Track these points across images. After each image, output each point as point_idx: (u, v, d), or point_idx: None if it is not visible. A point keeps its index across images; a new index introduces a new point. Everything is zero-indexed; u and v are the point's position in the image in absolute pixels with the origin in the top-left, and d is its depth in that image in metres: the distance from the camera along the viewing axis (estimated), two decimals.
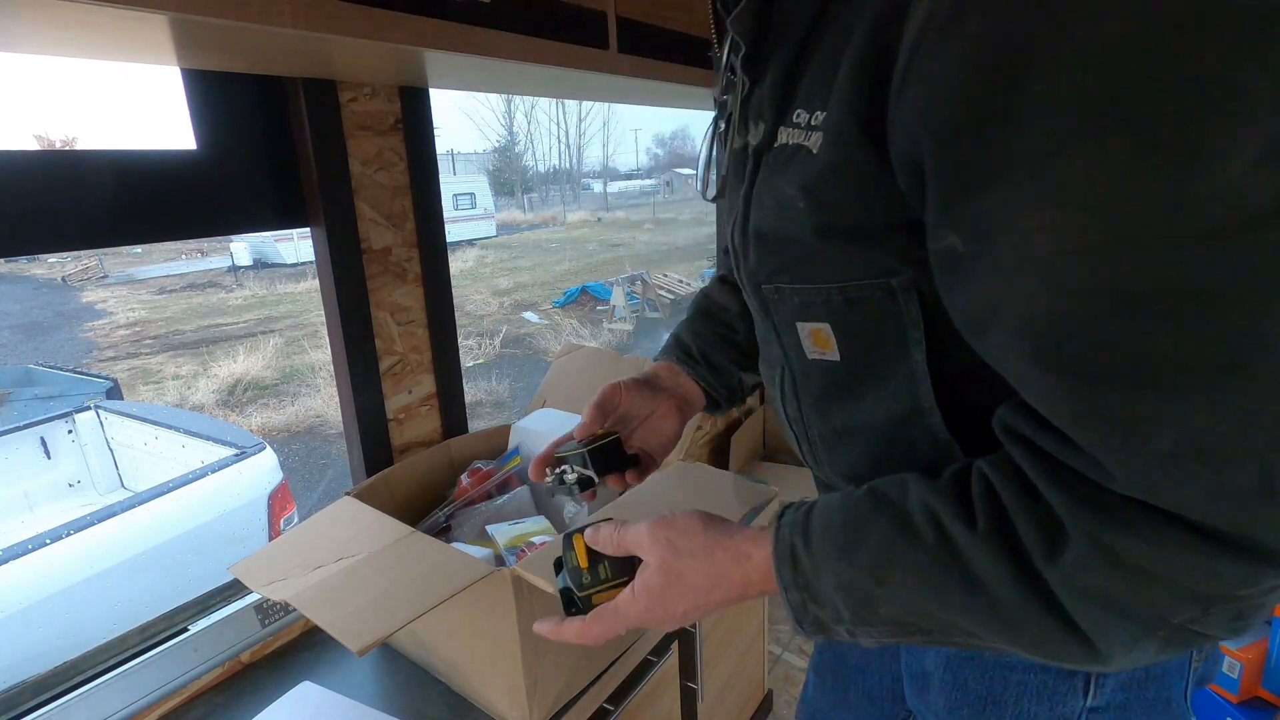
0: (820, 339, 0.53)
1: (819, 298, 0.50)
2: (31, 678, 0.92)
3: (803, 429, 0.61)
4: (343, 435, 1.68)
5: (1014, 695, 0.57)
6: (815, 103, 0.45)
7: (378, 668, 1.03)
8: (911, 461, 0.51)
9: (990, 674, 0.58)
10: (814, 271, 0.49)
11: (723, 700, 1.45)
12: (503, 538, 1.04)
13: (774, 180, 0.48)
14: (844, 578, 0.44)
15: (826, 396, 0.56)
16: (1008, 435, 0.41)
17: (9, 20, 0.62)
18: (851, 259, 0.46)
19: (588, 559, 0.56)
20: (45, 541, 2.10)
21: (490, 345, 8.30)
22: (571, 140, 41.43)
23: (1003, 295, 0.36)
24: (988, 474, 0.41)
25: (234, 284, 13.54)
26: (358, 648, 0.69)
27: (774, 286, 0.53)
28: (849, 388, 0.54)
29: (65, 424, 3.28)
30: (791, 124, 0.47)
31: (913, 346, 0.48)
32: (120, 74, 46.86)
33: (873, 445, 0.54)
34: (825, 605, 0.45)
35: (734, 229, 0.55)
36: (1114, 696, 0.54)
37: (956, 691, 0.60)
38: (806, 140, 0.45)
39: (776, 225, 0.49)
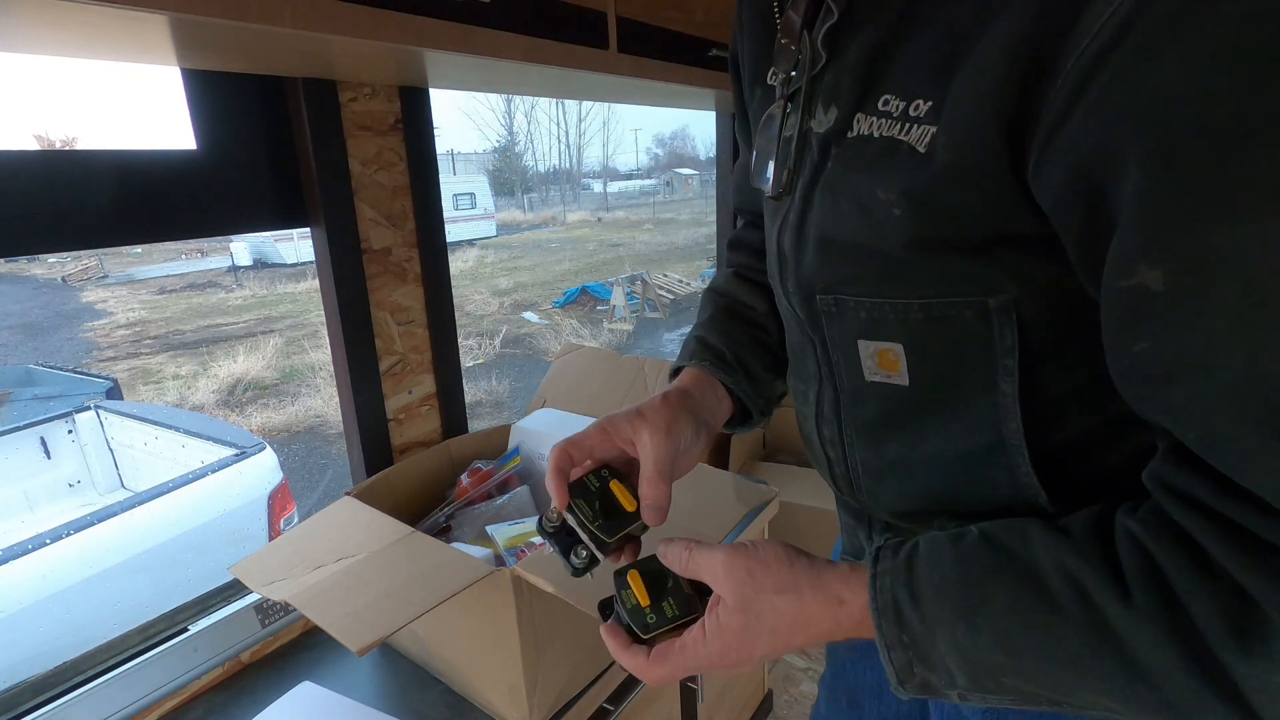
0: (887, 360, 0.46)
1: (893, 314, 0.44)
2: (31, 678, 0.92)
3: (841, 454, 0.54)
4: (343, 435, 1.68)
5: None
6: (917, 89, 0.38)
7: (378, 668, 1.03)
8: (980, 502, 0.46)
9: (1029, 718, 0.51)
10: (891, 285, 0.43)
11: (723, 700, 1.45)
12: (503, 538, 1.04)
13: (854, 178, 0.42)
14: (964, 644, 0.38)
15: (882, 424, 0.50)
16: (1174, 498, 0.34)
17: (9, 20, 0.62)
18: (945, 272, 0.41)
19: (649, 595, 0.48)
20: (45, 541, 2.10)
21: (490, 345, 8.29)
22: (571, 140, 41.46)
23: (1223, 347, 0.30)
24: (1141, 538, 0.35)
25: (234, 284, 13.54)
26: (358, 648, 0.69)
27: (833, 298, 0.46)
28: (914, 416, 0.48)
29: (65, 424, 3.28)
30: (878, 111, 0.40)
31: (1002, 376, 0.42)
32: (120, 74, 46.88)
33: (934, 481, 0.48)
34: (936, 668, 0.39)
35: (784, 229, 0.48)
36: None
37: None
38: (905, 135, 0.39)
39: (855, 231, 0.43)
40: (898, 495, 0.52)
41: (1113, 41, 0.29)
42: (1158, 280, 0.31)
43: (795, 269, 0.49)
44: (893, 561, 0.41)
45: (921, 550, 0.41)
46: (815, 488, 2.12)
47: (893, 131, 0.39)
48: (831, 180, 0.44)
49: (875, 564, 0.41)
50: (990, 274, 0.40)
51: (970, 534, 0.40)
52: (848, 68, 0.42)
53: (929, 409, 0.47)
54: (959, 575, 0.38)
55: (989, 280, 0.40)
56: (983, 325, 0.41)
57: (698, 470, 1.06)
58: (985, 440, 0.45)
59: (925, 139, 0.38)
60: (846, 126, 0.43)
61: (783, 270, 0.51)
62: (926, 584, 0.39)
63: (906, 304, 0.43)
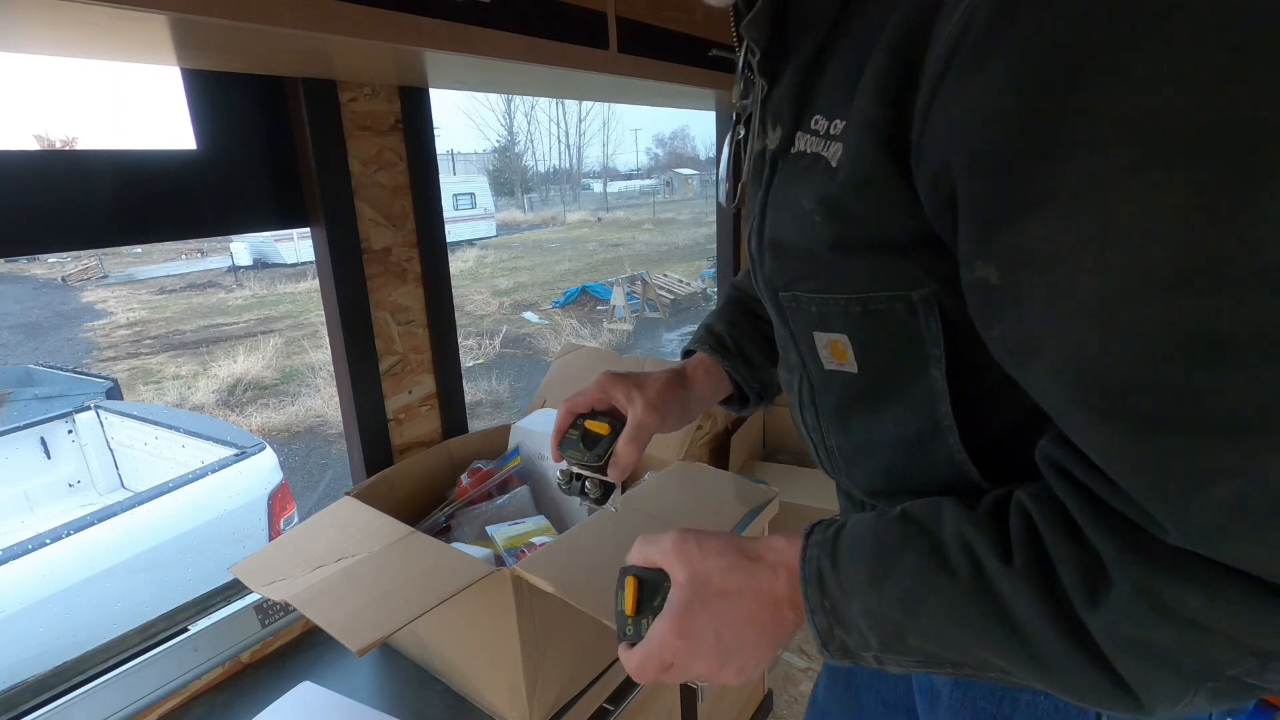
0: (838, 350, 0.51)
1: (837, 309, 0.48)
2: (31, 678, 0.92)
3: (820, 438, 0.59)
4: (343, 435, 1.68)
5: (1023, 718, 0.55)
6: (836, 110, 0.43)
7: (378, 668, 1.03)
8: (928, 481, 0.50)
9: (1000, 695, 0.56)
10: (832, 282, 0.47)
11: (723, 700, 1.45)
12: (502, 538, 1.04)
13: (790, 190, 0.47)
14: (873, 607, 0.42)
15: (844, 408, 0.55)
16: (1051, 470, 0.39)
17: (9, 20, 0.62)
18: (871, 271, 0.45)
19: (636, 605, 0.50)
20: (45, 541, 2.10)
21: (490, 345, 8.29)
22: (571, 140, 41.46)
23: (1044, 332, 0.33)
24: (1029, 508, 0.39)
25: (234, 284, 13.53)
26: (358, 648, 0.69)
27: (791, 294, 0.51)
28: (867, 401, 0.52)
29: (65, 424, 3.28)
30: (810, 130, 0.45)
31: (932, 363, 0.46)
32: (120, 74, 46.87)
33: (890, 461, 0.53)
34: (852, 632, 0.43)
35: (750, 235, 0.54)
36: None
37: (966, 711, 0.58)
38: (825, 150, 0.43)
39: (793, 236, 0.48)
40: (866, 475, 0.56)
41: (944, 67, 0.34)
42: (994, 275, 0.35)
43: (761, 270, 0.54)
44: (823, 535, 0.46)
45: (848, 526, 0.45)
46: (815, 488, 2.12)
47: (818, 148, 0.44)
48: (775, 193, 0.49)
49: (808, 538, 0.46)
50: (910, 270, 0.44)
51: (893, 511, 0.44)
52: (786, 92, 0.47)
53: (878, 394, 0.51)
54: (874, 546, 0.43)
55: (910, 276, 0.44)
56: (910, 317, 0.45)
57: (698, 470, 1.06)
58: (925, 423, 0.49)
59: (837, 155, 0.42)
60: (789, 144, 0.47)
61: (755, 271, 0.56)
62: (846, 555, 0.43)
63: (847, 299, 0.47)
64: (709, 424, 2.19)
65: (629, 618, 0.50)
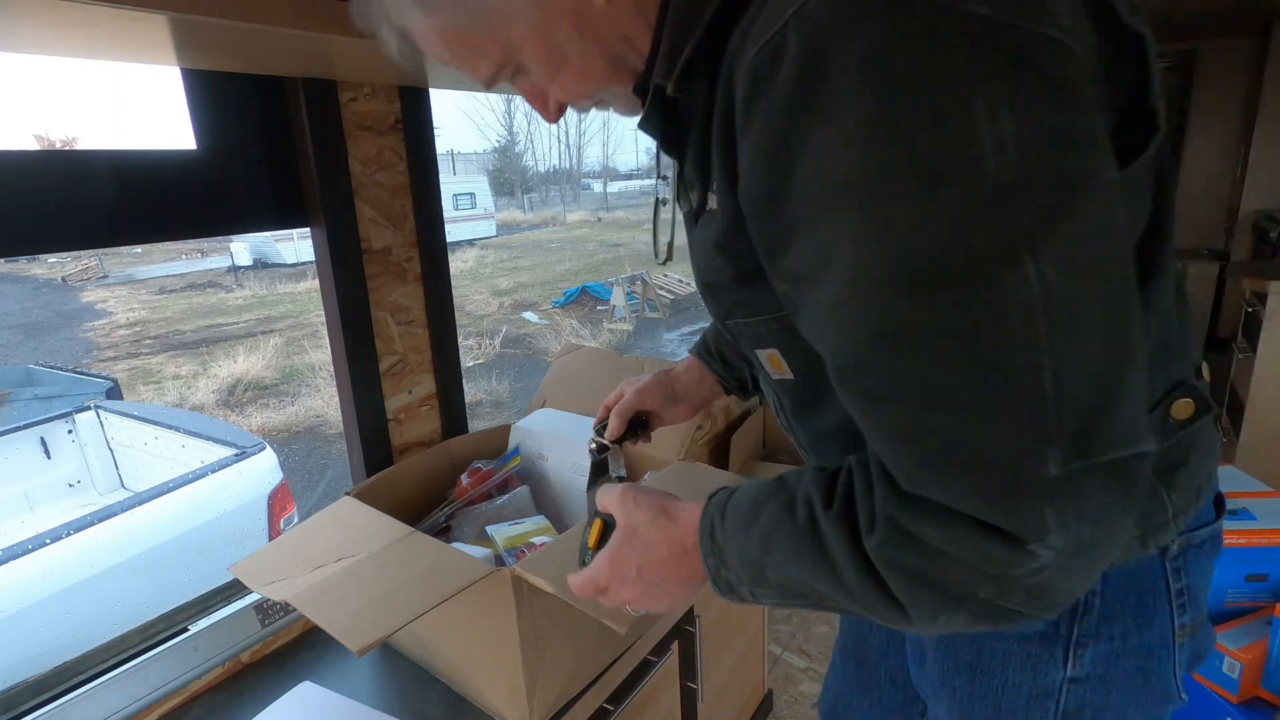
0: (775, 362, 0.59)
1: (764, 328, 0.56)
2: (31, 678, 0.92)
3: (793, 435, 0.69)
4: (343, 435, 1.68)
5: (1000, 664, 0.62)
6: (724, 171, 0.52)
7: (378, 668, 1.03)
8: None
9: (979, 644, 0.62)
10: (751, 308, 0.56)
11: (723, 700, 1.45)
12: (502, 538, 1.04)
13: (701, 239, 0.56)
14: (743, 548, 0.51)
15: (798, 409, 0.64)
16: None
17: (9, 20, 0.62)
18: (770, 294, 0.51)
19: (598, 542, 0.62)
20: (45, 541, 2.10)
21: (490, 345, 8.29)
22: (571, 140, 41.45)
23: (817, 331, 0.44)
24: (852, 466, 0.47)
25: (234, 284, 13.53)
26: (358, 648, 0.69)
27: (733, 321, 0.59)
28: (811, 401, 0.61)
29: (65, 424, 3.28)
30: (713, 190, 0.53)
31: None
32: (120, 74, 46.85)
33: (843, 447, 0.57)
34: (732, 570, 0.52)
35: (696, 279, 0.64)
36: (1093, 668, 0.59)
37: (949, 661, 0.65)
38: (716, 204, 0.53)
39: (712, 276, 0.57)
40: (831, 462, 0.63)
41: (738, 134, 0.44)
42: (786, 289, 0.46)
43: (708, 305, 0.63)
44: (720, 497, 0.55)
45: (740, 490, 0.55)
46: None
47: (714, 205, 0.53)
48: (694, 242, 0.59)
49: (710, 499, 0.55)
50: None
51: (777, 476, 0.53)
52: (691, 165, 0.55)
53: (815, 394, 0.59)
54: (750, 501, 0.52)
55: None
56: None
57: (698, 470, 1.06)
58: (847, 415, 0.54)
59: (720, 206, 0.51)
60: (704, 204, 0.56)
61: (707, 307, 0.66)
62: (731, 510, 0.53)
63: (767, 319, 0.55)
64: (709, 424, 2.19)
65: (590, 550, 0.63)
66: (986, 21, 0.34)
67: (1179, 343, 0.54)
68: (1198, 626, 0.61)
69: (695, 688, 1.23)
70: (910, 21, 0.35)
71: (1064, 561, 0.39)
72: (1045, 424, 0.37)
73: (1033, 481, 0.37)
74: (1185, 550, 0.59)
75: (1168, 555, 0.58)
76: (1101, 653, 0.58)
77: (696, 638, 1.19)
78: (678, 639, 1.17)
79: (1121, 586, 0.58)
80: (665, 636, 1.13)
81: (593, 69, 0.54)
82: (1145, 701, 0.60)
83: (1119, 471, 0.38)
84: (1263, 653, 1.48)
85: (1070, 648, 0.59)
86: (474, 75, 0.55)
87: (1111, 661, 0.59)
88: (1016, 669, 0.61)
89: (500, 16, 0.50)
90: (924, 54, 0.35)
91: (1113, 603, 0.58)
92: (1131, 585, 0.58)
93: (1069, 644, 0.59)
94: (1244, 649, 1.47)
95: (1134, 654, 0.59)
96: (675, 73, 0.49)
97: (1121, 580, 0.58)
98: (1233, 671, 1.49)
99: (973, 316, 0.36)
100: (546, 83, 0.56)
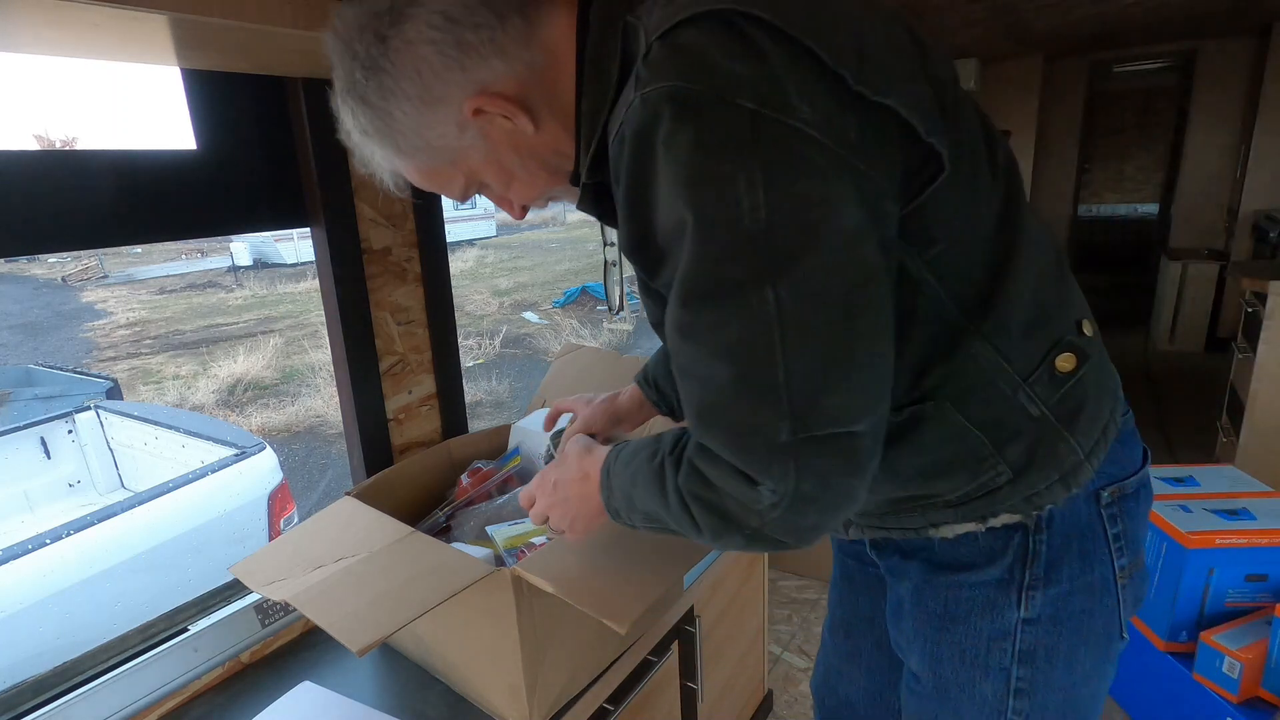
0: None
1: None
2: (31, 678, 0.92)
3: None
4: (343, 435, 1.68)
5: (965, 611, 0.70)
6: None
7: (378, 668, 1.03)
8: None
9: (946, 594, 0.71)
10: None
11: (723, 700, 1.45)
12: (502, 538, 1.04)
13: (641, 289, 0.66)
14: (623, 483, 0.65)
15: None
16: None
17: (9, 20, 0.62)
18: None
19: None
20: (45, 541, 2.10)
21: (490, 345, 8.29)
22: None
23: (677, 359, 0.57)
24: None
25: (234, 284, 13.52)
26: (358, 648, 0.69)
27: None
28: None
29: (65, 424, 3.28)
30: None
31: None
32: (120, 74, 46.80)
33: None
34: (615, 499, 0.67)
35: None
36: (1044, 609, 0.67)
37: (921, 613, 0.73)
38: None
39: (654, 318, 0.67)
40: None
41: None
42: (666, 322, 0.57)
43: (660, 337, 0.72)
44: (620, 446, 0.68)
45: (635, 440, 0.68)
46: None
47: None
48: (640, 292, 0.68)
49: (614, 446, 0.70)
50: None
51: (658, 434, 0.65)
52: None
53: None
54: (634, 448, 0.65)
55: None
56: None
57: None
58: None
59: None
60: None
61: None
62: (624, 453, 0.67)
63: None
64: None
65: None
66: (753, 114, 0.47)
67: (1055, 306, 0.64)
68: (1135, 568, 0.70)
69: (695, 688, 1.23)
70: (698, 118, 0.48)
71: (792, 503, 0.52)
72: (779, 404, 0.49)
73: (768, 443, 0.50)
74: (1118, 499, 0.67)
75: (1102, 503, 0.66)
76: (1050, 595, 0.66)
77: (696, 638, 1.19)
78: (678, 639, 1.17)
79: (1064, 534, 0.66)
80: (665, 636, 1.13)
81: (536, 178, 0.69)
82: (1092, 639, 0.69)
83: (833, 443, 0.50)
84: (1263, 653, 1.48)
85: (1023, 591, 0.67)
86: (450, 194, 0.71)
87: (1060, 603, 0.67)
88: (978, 615, 0.69)
89: (459, 154, 0.65)
90: (708, 140, 0.48)
91: (1057, 549, 0.66)
92: (1073, 533, 0.66)
93: (1021, 588, 0.67)
94: (1244, 649, 1.47)
95: (1080, 595, 0.67)
96: (585, 167, 0.63)
97: (1064, 528, 0.66)
98: (1233, 671, 1.49)
99: (729, 324, 0.50)
100: (504, 193, 0.71)
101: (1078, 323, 0.65)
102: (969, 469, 0.63)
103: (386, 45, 0.60)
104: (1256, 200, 4.29)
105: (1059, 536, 0.66)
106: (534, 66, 0.62)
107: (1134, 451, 0.71)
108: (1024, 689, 0.69)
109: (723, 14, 0.49)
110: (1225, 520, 1.61)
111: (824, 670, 1.04)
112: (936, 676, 0.73)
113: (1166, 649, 1.63)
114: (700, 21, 0.49)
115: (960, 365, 0.60)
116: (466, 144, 0.64)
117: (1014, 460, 0.62)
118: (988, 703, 0.70)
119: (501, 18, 0.60)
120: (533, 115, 0.63)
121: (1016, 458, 0.62)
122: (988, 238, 0.59)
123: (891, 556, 0.76)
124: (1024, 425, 0.62)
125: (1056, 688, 0.69)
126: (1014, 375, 0.60)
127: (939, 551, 0.71)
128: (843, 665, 0.99)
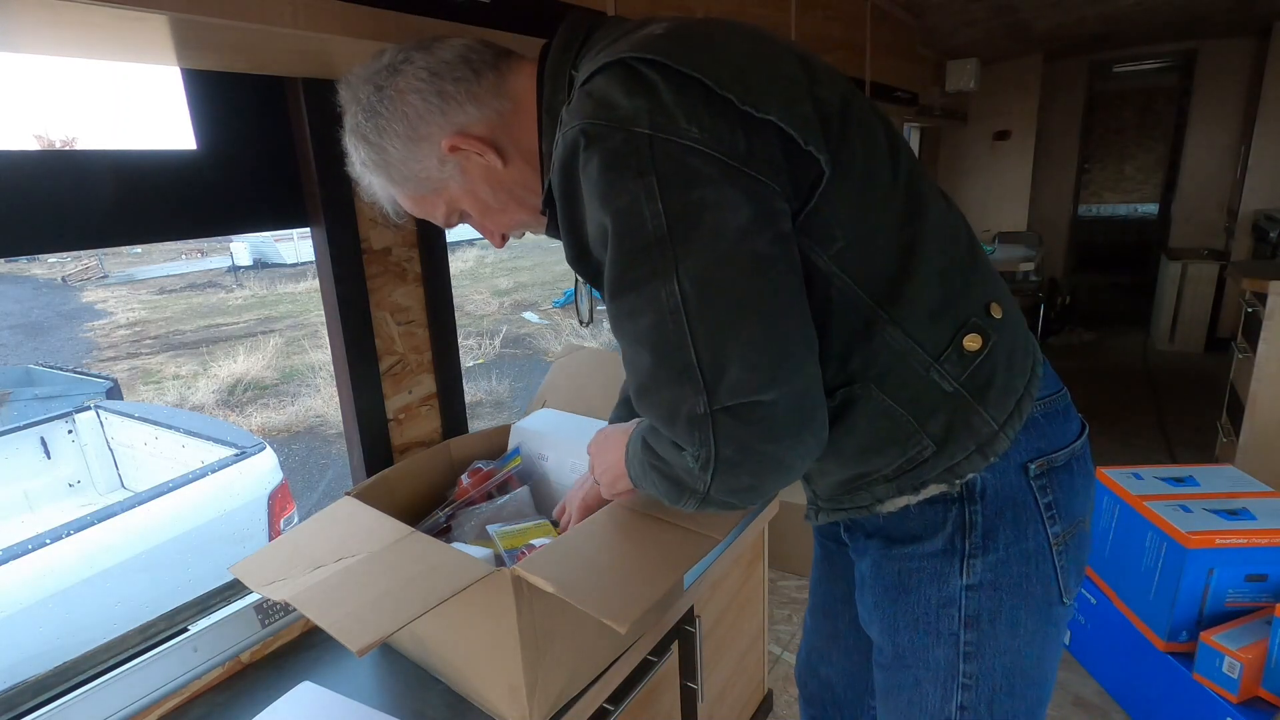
0: None
1: None
2: (31, 678, 0.92)
3: None
4: (343, 435, 1.68)
5: (915, 581, 0.76)
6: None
7: (378, 668, 1.03)
8: None
9: (899, 566, 0.77)
10: None
11: (723, 700, 1.45)
12: (503, 538, 1.04)
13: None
14: (633, 462, 0.75)
15: None
16: None
17: (9, 20, 0.62)
18: None
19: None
20: (45, 541, 2.10)
21: (490, 345, 8.29)
22: None
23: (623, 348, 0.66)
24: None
25: (234, 284, 13.51)
26: (358, 648, 0.69)
27: None
28: None
29: (65, 424, 3.28)
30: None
31: None
32: (120, 74, 46.78)
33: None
34: (630, 465, 0.77)
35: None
36: (984, 576, 0.73)
37: (879, 585, 0.80)
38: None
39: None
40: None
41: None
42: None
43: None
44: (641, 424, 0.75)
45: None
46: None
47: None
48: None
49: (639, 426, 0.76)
50: None
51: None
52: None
53: None
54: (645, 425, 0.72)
55: None
56: None
57: None
58: None
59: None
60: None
61: None
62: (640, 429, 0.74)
63: None
64: None
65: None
66: (649, 138, 0.57)
67: (961, 292, 0.70)
68: (1070, 535, 0.75)
69: (695, 688, 1.23)
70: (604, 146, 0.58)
71: (718, 468, 0.60)
72: (695, 381, 0.58)
73: (689, 416, 0.59)
74: (1047, 471, 0.73)
75: (1030, 475, 0.72)
76: (989, 562, 0.72)
77: (696, 638, 1.19)
78: (678, 639, 1.17)
79: (997, 505, 0.72)
80: (665, 636, 1.13)
81: (507, 209, 0.79)
82: (1032, 603, 0.74)
83: (744, 411, 0.58)
84: (1263, 653, 1.48)
85: (964, 560, 0.73)
86: (436, 220, 0.81)
87: (999, 569, 0.73)
88: (927, 583, 0.75)
89: (440, 184, 0.77)
90: (613, 163, 0.58)
91: (991, 519, 0.72)
92: (1006, 504, 0.72)
93: (963, 556, 0.73)
94: (1244, 649, 1.48)
95: (1017, 561, 0.73)
96: (544, 199, 0.72)
97: (996, 500, 0.72)
98: (1233, 671, 1.49)
99: (644, 314, 0.59)
100: (483, 220, 0.81)
101: (986, 305, 0.71)
102: (898, 444, 0.70)
103: (383, 93, 0.73)
104: (1256, 200, 4.29)
105: (992, 506, 0.72)
106: (503, 113, 0.74)
107: (1065, 427, 0.76)
108: (971, 652, 0.75)
109: (623, 61, 0.60)
110: (1225, 520, 1.61)
111: (806, 653, 1.11)
112: (895, 646, 0.80)
113: (1166, 649, 1.63)
114: (606, 69, 0.60)
115: (877, 349, 0.67)
116: (446, 176, 0.75)
117: (935, 433, 0.69)
118: (941, 668, 0.77)
119: (477, 73, 0.73)
120: (501, 153, 0.75)
121: (936, 431, 0.69)
122: (891, 235, 0.66)
123: (858, 537, 0.83)
124: (940, 401, 0.68)
125: (1002, 650, 0.75)
126: (925, 355, 0.67)
127: (889, 527, 0.77)
128: (824, 646, 1.06)
